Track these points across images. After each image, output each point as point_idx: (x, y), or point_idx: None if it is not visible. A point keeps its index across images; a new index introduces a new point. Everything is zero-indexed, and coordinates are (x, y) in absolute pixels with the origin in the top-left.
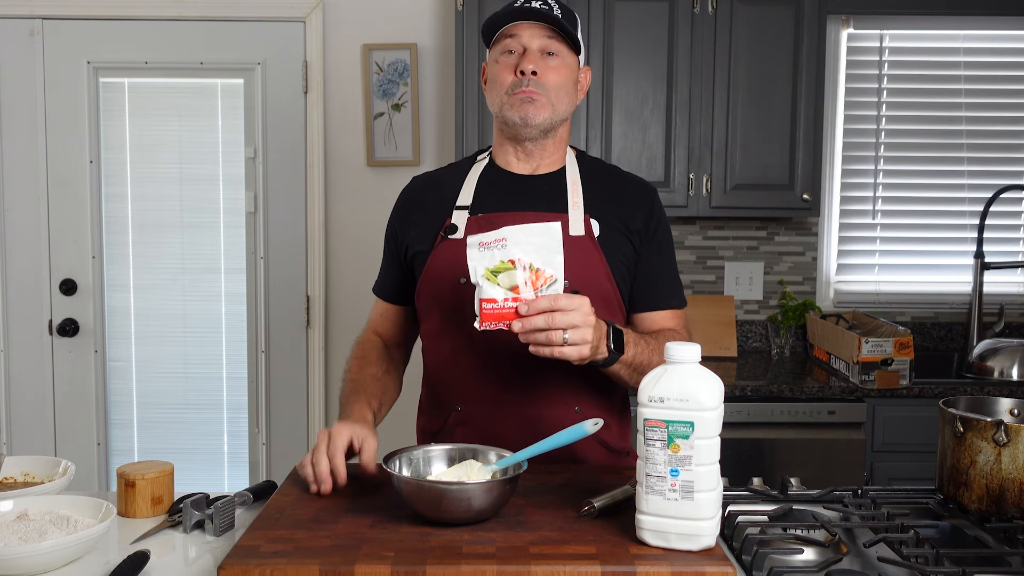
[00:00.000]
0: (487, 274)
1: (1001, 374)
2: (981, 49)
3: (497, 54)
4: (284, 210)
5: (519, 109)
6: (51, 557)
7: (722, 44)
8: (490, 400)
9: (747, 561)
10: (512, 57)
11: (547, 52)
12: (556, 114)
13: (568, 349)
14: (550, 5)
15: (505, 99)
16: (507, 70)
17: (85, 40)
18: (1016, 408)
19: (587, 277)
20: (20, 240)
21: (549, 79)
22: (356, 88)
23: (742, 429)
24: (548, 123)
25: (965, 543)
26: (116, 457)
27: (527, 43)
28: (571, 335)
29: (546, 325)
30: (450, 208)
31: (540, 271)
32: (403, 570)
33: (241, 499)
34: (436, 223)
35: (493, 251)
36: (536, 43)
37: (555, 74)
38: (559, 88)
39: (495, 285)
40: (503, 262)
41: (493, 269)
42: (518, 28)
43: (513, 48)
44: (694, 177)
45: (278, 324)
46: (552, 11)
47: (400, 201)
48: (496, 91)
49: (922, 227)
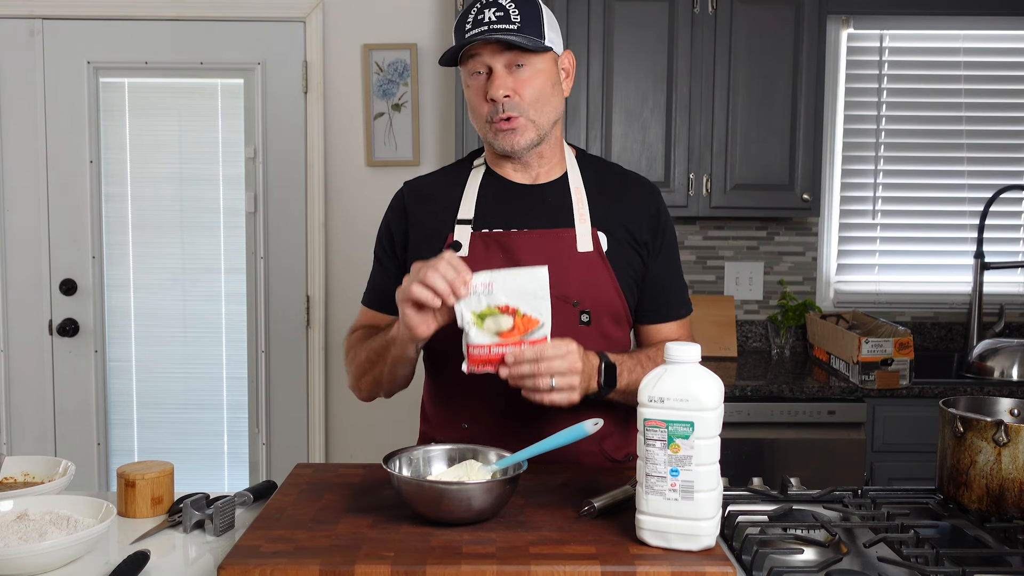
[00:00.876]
0: (474, 319)
1: (1001, 374)
2: (981, 49)
3: (466, 76)
4: (284, 210)
5: (502, 139)
6: (51, 557)
7: (722, 44)
8: (497, 418)
9: (747, 561)
10: (480, 79)
11: (515, 64)
12: (541, 128)
13: (556, 395)
14: (505, 10)
15: (487, 127)
16: (479, 96)
17: (85, 40)
18: (1016, 408)
19: (596, 293)
20: (20, 240)
21: (524, 94)
22: (356, 88)
23: (742, 429)
24: (536, 140)
25: (965, 543)
26: (116, 457)
27: (490, 62)
28: (558, 382)
29: (532, 373)
30: (450, 218)
31: (527, 316)
32: (403, 570)
33: (241, 499)
34: (437, 237)
35: (480, 296)
36: (500, 61)
37: (528, 87)
38: (536, 100)
39: (481, 331)
40: (489, 307)
41: (480, 313)
42: (477, 48)
43: (480, 69)
44: (694, 177)
45: (278, 324)
46: (508, 16)
47: (395, 210)
48: (476, 117)
49: (922, 227)
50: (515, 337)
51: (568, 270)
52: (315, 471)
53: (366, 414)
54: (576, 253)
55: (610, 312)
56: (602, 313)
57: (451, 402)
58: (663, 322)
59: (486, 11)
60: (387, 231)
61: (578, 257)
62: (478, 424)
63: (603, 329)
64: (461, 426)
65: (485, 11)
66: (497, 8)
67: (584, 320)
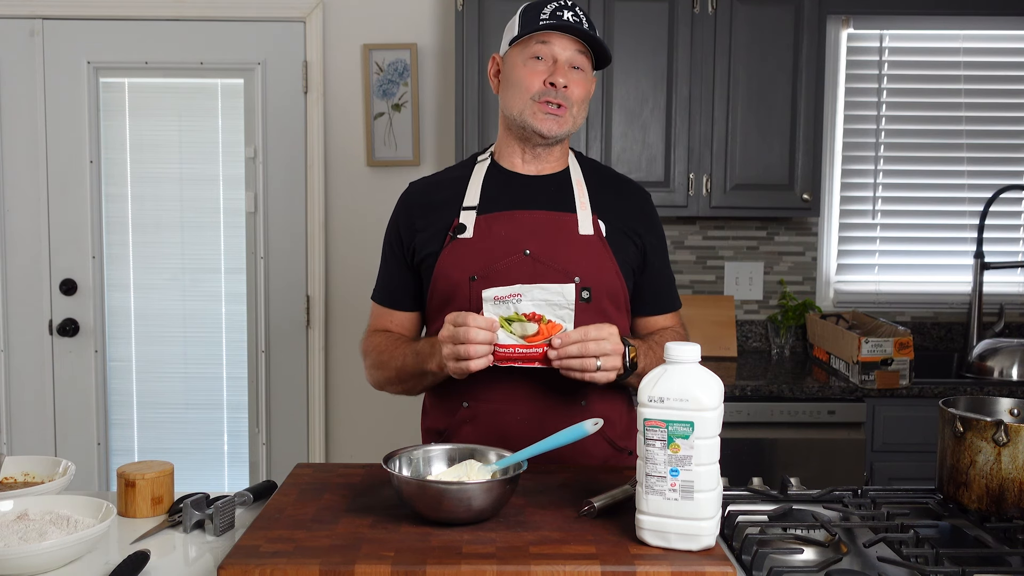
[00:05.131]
0: (502, 322)
1: (1001, 374)
2: (981, 49)
3: (524, 57)
4: (284, 210)
5: (543, 122)
6: (51, 557)
7: (722, 44)
8: (497, 397)
9: (747, 561)
10: (541, 64)
11: (574, 66)
12: (574, 127)
13: (599, 374)
14: (581, 18)
15: (529, 105)
16: (535, 76)
17: (85, 40)
18: (1016, 408)
19: (599, 275)
20: (20, 240)
21: (575, 93)
22: (356, 88)
23: (742, 429)
24: (566, 135)
25: (965, 543)
26: (116, 457)
27: (558, 54)
28: (603, 362)
29: (579, 354)
30: (456, 209)
31: (551, 322)
32: (403, 570)
33: (241, 499)
34: (443, 225)
35: (508, 304)
36: (566, 55)
37: (580, 88)
38: (582, 102)
39: (509, 334)
40: (517, 314)
41: (508, 319)
42: (552, 37)
43: (543, 55)
44: (694, 177)
45: (278, 324)
46: (583, 24)
47: (401, 207)
48: (519, 94)
49: (922, 227)
50: (540, 340)
51: (569, 248)
52: (315, 471)
53: (366, 414)
54: (578, 235)
55: (610, 293)
56: (602, 293)
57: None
58: (658, 314)
59: (565, 11)
60: (395, 230)
61: (580, 238)
62: (477, 401)
63: (603, 308)
64: (462, 405)
65: (564, 11)
66: (575, 14)
67: (585, 297)
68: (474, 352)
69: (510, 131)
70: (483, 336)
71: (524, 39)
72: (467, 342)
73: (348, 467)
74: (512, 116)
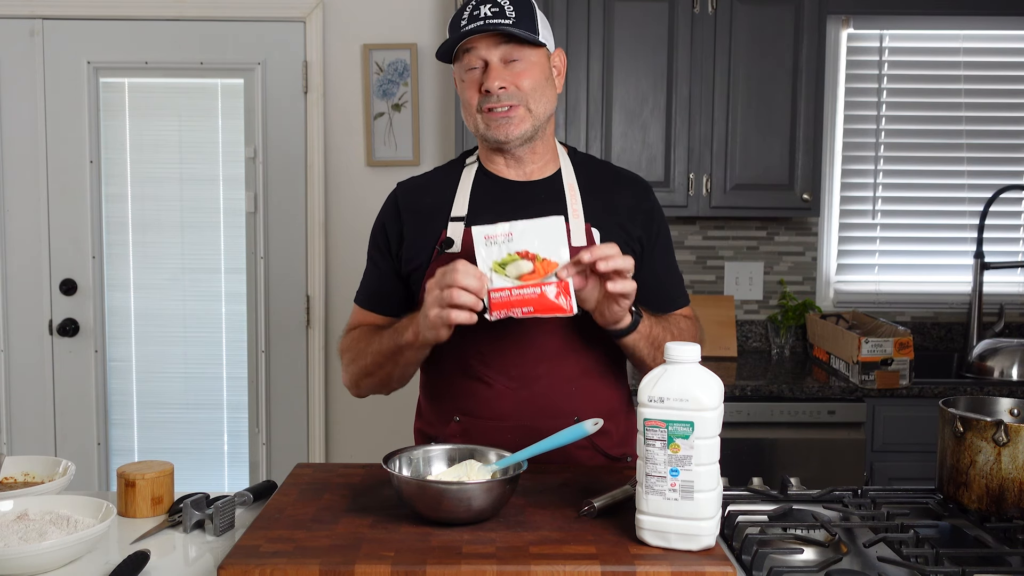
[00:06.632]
0: (495, 266)
1: (1001, 374)
2: (981, 49)
3: (461, 72)
4: (284, 210)
5: (498, 129)
6: (51, 557)
7: (722, 44)
8: (489, 413)
9: (747, 561)
10: (475, 73)
11: (510, 59)
12: (537, 118)
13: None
14: (500, 6)
15: (479, 118)
16: (472, 88)
17: (85, 40)
18: (1016, 408)
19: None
20: (20, 240)
21: (522, 84)
22: (356, 88)
23: (742, 429)
24: (531, 131)
25: (965, 543)
26: (116, 457)
27: (486, 56)
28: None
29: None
30: (444, 218)
31: (546, 260)
32: (403, 570)
33: (241, 499)
34: (431, 235)
35: (500, 245)
36: (496, 54)
37: (524, 78)
38: (534, 90)
39: (503, 276)
40: (510, 254)
41: (500, 262)
42: (473, 41)
43: (474, 63)
44: (694, 177)
45: (278, 324)
46: (504, 12)
47: (390, 209)
48: (467, 110)
49: (922, 227)
50: (535, 279)
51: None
52: (315, 471)
53: (366, 414)
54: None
55: None
56: None
57: (444, 395)
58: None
59: (482, 7)
60: (381, 231)
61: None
62: (469, 416)
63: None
64: (453, 419)
65: (481, 7)
66: (492, 4)
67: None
68: (457, 297)
69: (484, 143)
70: (472, 282)
71: (456, 53)
72: (453, 285)
73: (348, 467)
74: (474, 133)
